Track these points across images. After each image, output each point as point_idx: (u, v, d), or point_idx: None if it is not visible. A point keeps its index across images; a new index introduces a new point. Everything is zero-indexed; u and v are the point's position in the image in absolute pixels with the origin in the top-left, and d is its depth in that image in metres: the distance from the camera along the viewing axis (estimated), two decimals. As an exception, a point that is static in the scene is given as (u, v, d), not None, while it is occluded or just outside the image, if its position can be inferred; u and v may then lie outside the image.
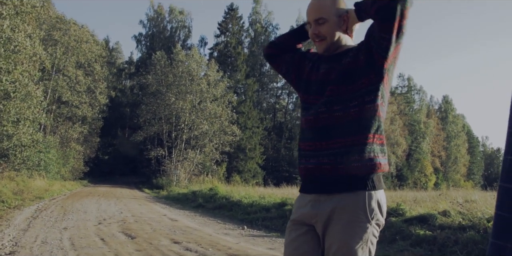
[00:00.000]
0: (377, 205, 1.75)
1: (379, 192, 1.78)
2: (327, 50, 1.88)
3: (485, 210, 7.03)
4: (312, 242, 1.81)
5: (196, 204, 15.42)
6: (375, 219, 1.75)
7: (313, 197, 1.81)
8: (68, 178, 30.53)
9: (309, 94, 1.90)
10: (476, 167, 68.54)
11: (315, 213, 1.79)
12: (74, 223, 9.15)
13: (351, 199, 1.73)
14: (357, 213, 1.72)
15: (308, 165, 1.82)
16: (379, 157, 1.77)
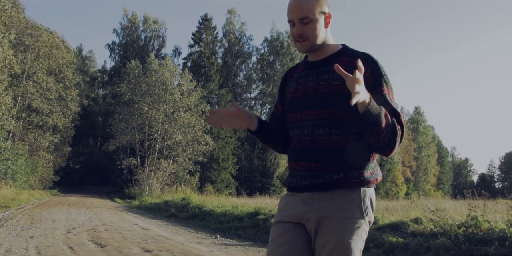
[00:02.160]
0: (369, 202, 1.77)
1: (371, 189, 1.79)
2: (309, 50, 1.84)
3: (455, 217, 7.16)
4: (300, 238, 1.78)
5: (168, 213, 15.27)
6: (368, 216, 1.76)
7: (306, 195, 1.78)
8: (36, 187, 29.81)
9: (296, 112, 1.85)
10: (445, 177, 69.93)
11: (307, 210, 1.76)
12: (41, 232, 8.92)
13: (346, 196, 1.73)
14: (352, 209, 1.72)
15: (302, 181, 1.79)
16: (374, 173, 1.79)
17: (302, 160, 1.79)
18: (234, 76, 48.33)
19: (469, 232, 6.21)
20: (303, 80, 1.87)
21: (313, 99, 1.79)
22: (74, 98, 35.87)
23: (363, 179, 1.74)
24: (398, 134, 1.67)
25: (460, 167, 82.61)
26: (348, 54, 1.82)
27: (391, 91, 1.76)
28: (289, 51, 45.39)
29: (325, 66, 1.81)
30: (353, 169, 1.73)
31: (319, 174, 1.74)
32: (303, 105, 1.82)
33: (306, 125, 1.78)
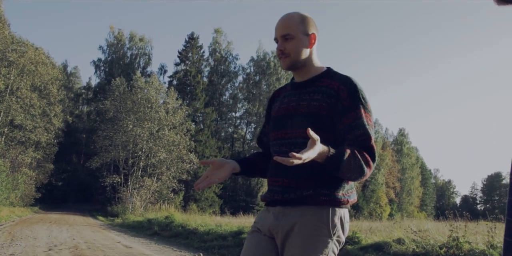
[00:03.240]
0: (339, 222, 1.78)
1: (344, 210, 1.82)
2: (291, 67, 1.91)
3: (437, 238, 7.26)
4: (272, 250, 1.83)
5: (151, 232, 15.14)
6: (336, 235, 1.77)
7: (278, 209, 1.84)
8: (17, 204, 29.31)
9: (277, 130, 1.92)
10: (429, 198, 70.30)
11: (276, 224, 1.81)
12: (22, 249, 8.80)
13: (315, 213, 1.76)
14: (319, 227, 1.74)
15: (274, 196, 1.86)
16: (347, 194, 1.83)
17: (277, 176, 1.86)
18: (220, 95, 48.46)
19: (450, 253, 6.32)
20: (286, 100, 1.95)
21: (293, 118, 1.86)
22: (58, 114, 35.62)
23: (333, 198, 1.77)
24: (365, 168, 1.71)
25: (443, 188, 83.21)
26: (330, 76, 1.88)
27: (368, 114, 1.80)
28: (275, 71, 45.73)
29: (308, 87, 1.89)
30: (324, 187, 1.77)
31: (291, 190, 1.80)
32: (283, 124, 1.89)
33: (285, 143, 1.86)
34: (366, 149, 1.74)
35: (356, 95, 1.80)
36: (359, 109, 1.78)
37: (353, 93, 1.81)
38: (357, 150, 1.71)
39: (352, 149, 1.70)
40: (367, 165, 1.72)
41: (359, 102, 1.80)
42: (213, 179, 1.86)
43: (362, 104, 1.80)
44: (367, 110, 1.81)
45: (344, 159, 1.66)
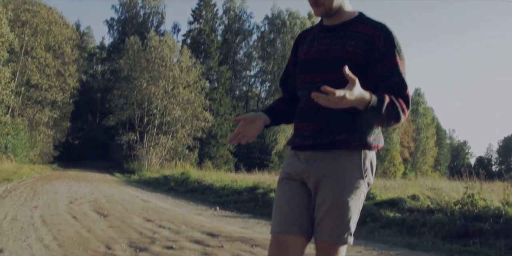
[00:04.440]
0: (370, 165, 1.80)
1: (373, 153, 1.83)
2: (325, 14, 1.84)
3: (452, 195, 7.27)
4: (305, 195, 1.82)
5: (167, 187, 15.42)
6: (367, 178, 1.78)
7: (308, 154, 1.82)
8: (37, 162, 30.00)
9: (306, 73, 1.87)
10: (443, 158, 70.12)
11: (308, 168, 1.80)
12: (44, 202, 9.07)
13: (347, 157, 1.76)
14: (352, 170, 1.75)
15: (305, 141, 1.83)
16: (377, 139, 1.82)
17: (307, 121, 1.83)
18: (234, 54, 48.04)
19: (465, 209, 6.32)
20: (316, 43, 1.88)
21: (324, 62, 1.81)
22: (72, 74, 35.75)
23: (365, 142, 1.76)
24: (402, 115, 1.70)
25: (458, 149, 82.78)
26: (363, 22, 1.82)
27: (403, 61, 1.77)
28: (290, 29, 44.97)
29: (340, 31, 1.83)
30: (357, 132, 1.76)
31: (322, 134, 1.77)
32: (313, 67, 1.84)
33: (314, 87, 1.76)
34: (402, 97, 1.72)
35: (391, 42, 1.76)
36: (394, 56, 1.75)
37: (389, 40, 1.76)
38: (394, 97, 1.69)
39: (390, 96, 1.68)
40: (403, 112, 1.71)
41: (395, 49, 1.76)
42: (248, 136, 1.90)
43: (397, 51, 1.76)
44: (402, 58, 1.77)
45: (384, 107, 1.65)
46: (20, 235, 5.27)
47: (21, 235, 5.27)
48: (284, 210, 1.82)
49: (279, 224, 1.79)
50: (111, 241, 5.13)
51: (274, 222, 1.83)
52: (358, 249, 5.09)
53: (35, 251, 4.40)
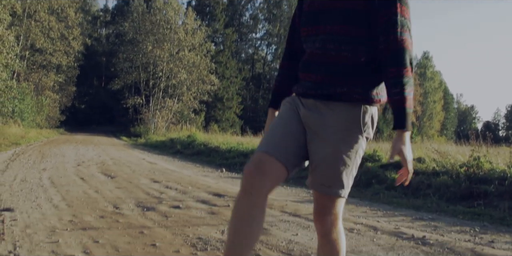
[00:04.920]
0: (370, 120, 1.78)
1: (374, 108, 1.81)
2: None
3: (458, 157, 7.26)
4: (302, 133, 1.80)
5: (174, 150, 15.52)
6: (366, 132, 1.77)
7: (310, 102, 1.81)
8: (44, 126, 30.17)
9: (310, 26, 1.85)
10: (450, 123, 69.90)
11: (309, 115, 1.79)
12: (52, 165, 9.17)
13: (347, 110, 1.75)
14: (351, 123, 1.74)
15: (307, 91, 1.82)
16: (380, 94, 1.79)
17: (310, 72, 1.82)
18: (240, 16, 47.34)
19: (470, 172, 6.32)
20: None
21: (328, 13, 1.78)
22: (76, 37, 35.39)
23: (366, 96, 1.75)
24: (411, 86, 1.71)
25: (466, 114, 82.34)
26: None
27: (405, 7, 1.72)
28: (297, -9, 44.00)
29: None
30: (359, 85, 1.74)
31: (324, 86, 1.76)
32: (317, 19, 1.81)
33: (318, 39, 1.79)
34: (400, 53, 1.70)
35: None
36: (395, 5, 1.71)
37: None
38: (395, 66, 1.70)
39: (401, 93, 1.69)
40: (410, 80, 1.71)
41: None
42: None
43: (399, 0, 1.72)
44: (403, 3, 1.73)
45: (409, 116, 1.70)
46: (29, 195, 5.35)
47: (30, 195, 5.35)
48: (278, 134, 1.80)
49: (268, 144, 1.77)
50: (118, 201, 5.20)
51: (264, 141, 1.80)
52: (363, 210, 5.14)
53: (44, 211, 4.47)
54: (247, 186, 1.69)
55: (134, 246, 3.30)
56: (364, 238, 3.72)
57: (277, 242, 3.52)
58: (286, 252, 3.25)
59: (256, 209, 1.69)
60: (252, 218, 1.68)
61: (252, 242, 1.71)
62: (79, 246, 3.22)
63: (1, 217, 4.06)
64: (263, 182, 1.69)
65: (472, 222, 4.53)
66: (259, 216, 1.70)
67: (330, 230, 1.81)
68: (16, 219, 4.02)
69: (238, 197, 1.72)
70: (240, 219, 1.69)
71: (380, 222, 4.38)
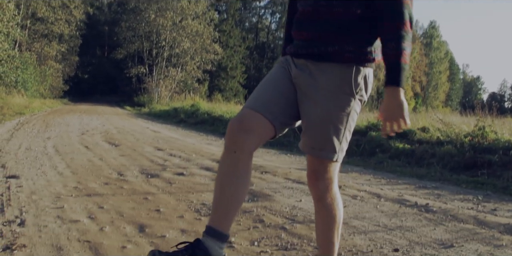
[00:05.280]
0: (363, 81, 1.71)
1: (368, 69, 1.73)
2: None
3: (462, 127, 7.24)
4: (293, 91, 1.75)
5: (178, 119, 15.54)
6: (359, 94, 1.71)
7: (301, 62, 1.75)
8: (47, 96, 30.19)
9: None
10: (455, 94, 69.58)
11: (299, 74, 1.74)
12: (57, 134, 9.20)
13: (339, 70, 1.68)
14: (342, 85, 1.67)
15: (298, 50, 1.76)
16: (375, 52, 1.71)
17: (302, 29, 1.76)
18: (244, -16, 46.53)
19: (475, 142, 6.31)
20: None
21: None
22: (78, 6, 35.00)
23: (359, 55, 1.68)
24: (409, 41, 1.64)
25: (471, 85, 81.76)
26: None
27: None
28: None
29: None
30: (351, 43, 1.67)
31: (315, 44, 1.69)
32: None
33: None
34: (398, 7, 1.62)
35: None
36: None
37: None
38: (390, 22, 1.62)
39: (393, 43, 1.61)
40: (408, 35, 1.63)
41: None
42: None
43: None
44: None
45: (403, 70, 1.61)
46: (34, 163, 5.38)
47: (35, 163, 5.38)
48: (268, 92, 1.75)
49: (256, 101, 1.73)
50: (123, 168, 5.23)
51: (252, 98, 1.76)
52: (367, 178, 5.16)
53: (49, 178, 4.50)
54: (230, 143, 1.67)
55: (138, 211, 3.33)
56: (368, 204, 3.74)
57: (280, 208, 3.55)
58: (289, 217, 3.28)
59: (239, 167, 1.67)
60: (236, 176, 1.67)
61: (237, 200, 1.70)
62: (84, 212, 3.25)
63: (7, 184, 4.10)
64: (247, 139, 1.65)
65: (475, 191, 4.54)
66: (243, 174, 1.68)
67: (325, 195, 1.79)
68: (22, 185, 4.05)
69: (222, 154, 1.71)
70: (224, 178, 1.68)
71: (384, 190, 4.39)
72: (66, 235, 2.69)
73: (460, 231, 3.01)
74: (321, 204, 1.81)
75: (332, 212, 1.81)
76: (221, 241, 1.65)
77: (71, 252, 2.40)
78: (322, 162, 1.74)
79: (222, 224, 1.66)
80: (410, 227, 3.07)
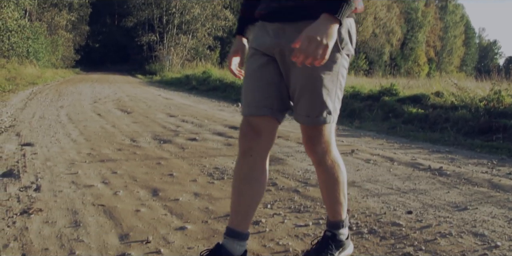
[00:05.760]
0: (347, 34, 1.61)
1: (350, 20, 1.63)
2: None
3: (478, 92, 7.11)
4: (275, 73, 1.68)
5: (189, 86, 15.49)
6: (345, 49, 1.61)
7: (276, 26, 1.63)
8: (59, 66, 30.23)
9: None
10: (470, 58, 68.33)
11: (277, 43, 1.63)
12: (70, 103, 9.25)
13: None
14: None
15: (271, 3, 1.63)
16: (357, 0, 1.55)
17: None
18: None
19: (490, 106, 6.21)
20: None
21: None
22: (86, -27, 34.60)
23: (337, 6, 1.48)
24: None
25: (487, 49, 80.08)
26: None
27: None
28: None
29: None
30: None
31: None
32: None
33: None
34: None
35: None
36: None
37: None
38: None
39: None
40: None
41: None
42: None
43: None
44: None
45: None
46: (48, 131, 5.42)
47: (49, 131, 5.43)
48: (254, 90, 1.70)
49: (249, 105, 1.69)
50: (135, 135, 5.26)
51: (244, 103, 1.72)
52: (380, 142, 5.12)
53: (63, 145, 4.54)
54: (246, 148, 1.69)
55: (151, 176, 3.36)
56: (381, 168, 3.73)
57: (293, 171, 3.56)
58: (302, 180, 3.28)
59: (257, 169, 1.71)
60: (255, 179, 1.71)
61: (255, 202, 1.75)
62: (98, 177, 3.29)
63: (22, 151, 4.14)
64: (260, 143, 1.68)
65: (489, 155, 4.49)
66: (260, 176, 1.73)
67: (324, 158, 1.73)
68: (37, 153, 4.10)
69: (238, 159, 1.73)
70: (242, 181, 1.71)
71: (397, 154, 4.37)
72: (81, 200, 2.72)
73: (474, 194, 2.99)
74: (322, 168, 1.77)
75: (334, 174, 1.77)
76: (242, 240, 1.72)
77: (86, 216, 2.43)
78: (316, 128, 1.67)
79: (242, 225, 1.72)
80: (424, 190, 3.05)
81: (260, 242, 2.11)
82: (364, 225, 2.36)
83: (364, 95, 8.33)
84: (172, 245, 2.05)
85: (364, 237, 2.19)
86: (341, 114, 6.72)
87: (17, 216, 2.40)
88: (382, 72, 38.57)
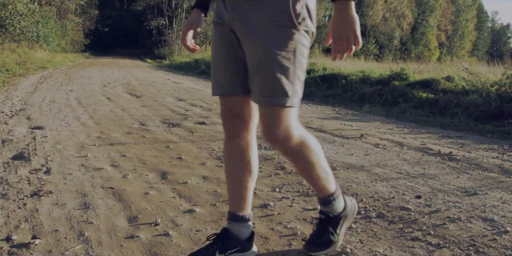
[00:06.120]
0: (305, 9, 1.51)
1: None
2: None
3: (489, 77, 7.01)
4: (230, 45, 1.62)
5: (199, 71, 15.46)
6: (303, 25, 1.50)
7: (233, 0, 1.56)
8: (69, 50, 30.26)
9: None
10: (482, 43, 67.27)
11: (233, 17, 1.56)
12: (79, 87, 9.28)
13: (273, 2, 1.48)
14: (280, 17, 1.47)
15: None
16: None
17: None
18: None
19: (502, 91, 6.11)
20: None
21: None
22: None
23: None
24: None
25: (500, 33, 78.74)
26: None
27: None
28: None
29: None
30: None
31: None
32: None
33: None
34: None
35: None
36: None
37: None
38: None
39: None
40: None
41: None
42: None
43: None
44: None
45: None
46: (58, 114, 5.45)
47: (59, 114, 5.46)
48: (222, 68, 1.64)
49: (220, 85, 1.65)
50: (144, 118, 5.27)
51: (214, 82, 1.68)
52: (389, 127, 5.09)
53: (73, 128, 4.57)
54: (230, 131, 1.69)
55: (160, 159, 3.37)
56: (390, 153, 3.71)
57: (302, 156, 3.54)
58: (310, 165, 3.27)
59: (246, 150, 1.70)
60: (248, 159, 1.70)
61: (252, 181, 1.74)
62: (107, 160, 3.30)
63: (33, 135, 4.17)
64: (243, 123, 1.67)
65: (500, 140, 4.44)
66: (251, 157, 1.71)
67: (287, 145, 1.59)
68: (47, 136, 4.13)
69: (225, 143, 1.72)
70: (234, 165, 1.72)
71: (406, 139, 4.34)
72: (90, 182, 2.74)
73: (484, 179, 2.97)
74: (290, 155, 1.65)
75: (304, 157, 1.65)
76: (245, 222, 1.73)
77: (95, 198, 2.45)
78: (274, 112, 1.53)
79: (241, 208, 1.73)
80: (433, 175, 3.03)
81: (268, 225, 2.11)
82: (372, 209, 2.35)
83: (374, 80, 8.26)
84: (180, 228, 2.06)
85: (373, 221, 2.19)
86: (350, 99, 6.66)
87: (27, 198, 2.43)
88: (392, 56, 38.22)
